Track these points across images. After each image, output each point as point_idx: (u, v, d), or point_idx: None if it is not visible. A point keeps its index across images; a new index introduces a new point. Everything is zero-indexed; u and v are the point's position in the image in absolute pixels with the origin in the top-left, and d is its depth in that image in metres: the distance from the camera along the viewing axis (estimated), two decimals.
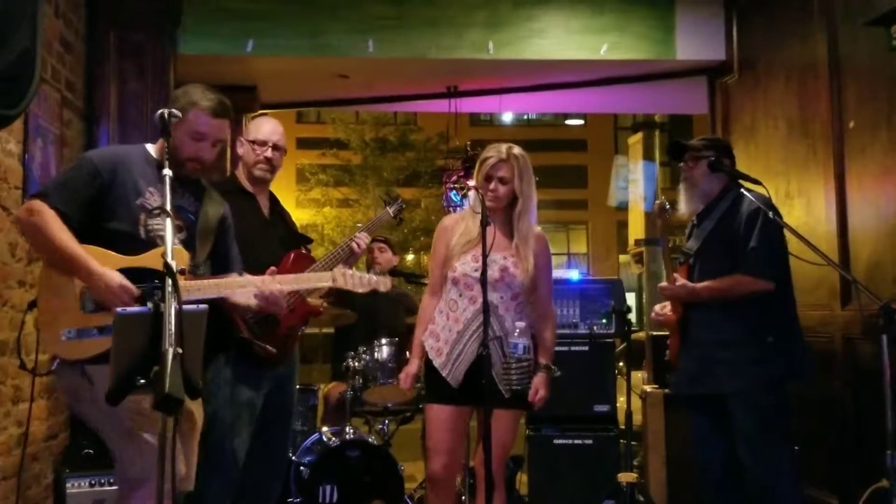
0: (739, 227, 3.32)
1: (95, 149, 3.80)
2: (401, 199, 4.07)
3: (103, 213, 2.65)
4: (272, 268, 2.97)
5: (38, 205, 2.58)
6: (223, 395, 3.32)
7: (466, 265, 3.20)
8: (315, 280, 3.01)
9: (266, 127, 3.56)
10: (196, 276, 2.74)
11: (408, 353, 3.38)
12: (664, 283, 3.49)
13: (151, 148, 2.83)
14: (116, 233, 2.64)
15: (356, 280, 2.87)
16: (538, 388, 3.21)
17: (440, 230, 3.35)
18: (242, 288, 2.77)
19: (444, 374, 3.17)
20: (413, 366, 3.30)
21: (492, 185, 3.20)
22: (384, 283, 2.93)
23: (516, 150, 3.25)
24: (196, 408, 2.74)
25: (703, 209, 3.48)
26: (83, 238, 2.59)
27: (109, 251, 2.59)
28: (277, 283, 2.81)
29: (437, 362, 3.20)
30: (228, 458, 3.32)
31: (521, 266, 3.22)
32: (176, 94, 2.82)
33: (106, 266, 2.53)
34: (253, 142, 3.49)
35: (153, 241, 2.64)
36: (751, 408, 3.26)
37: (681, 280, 3.40)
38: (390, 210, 3.97)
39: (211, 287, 2.70)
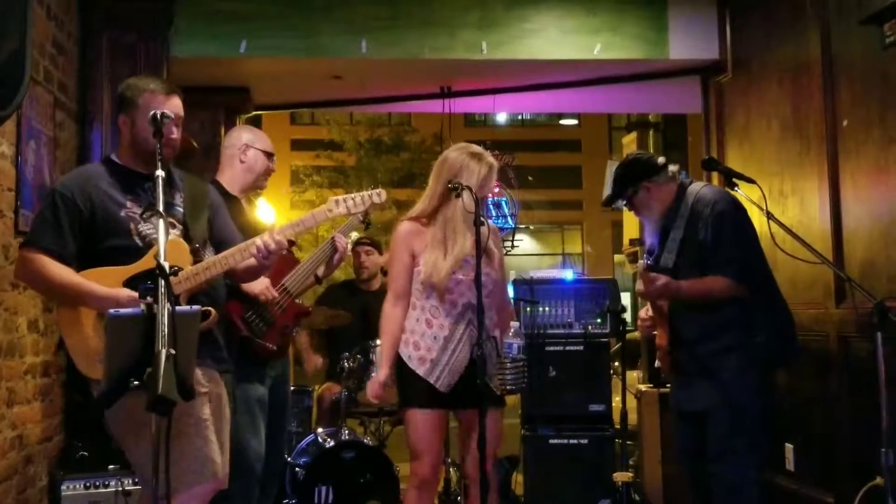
0: (707, 232, 3.27)
1: (59, 179, 3.77)
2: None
3: (95, 234, 2.65)
4: (267, 231, 2.91)
5: (28, 254, 2.61)
6: (232, 396, 3.34)
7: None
8: (313, 219, 2.83)
9: (269, 139, 3.65)
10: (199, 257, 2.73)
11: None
12: (642, 288, 3.34)
13: (115, 156, 2.80)
14: (114, 249, 2.64)
15: (351, 203, 2.83)
16: None
17: (404, 236, 3.27)
18: (243, 252, 2.70)
19: (431, 381, 3.15)
20: (383, 374, 3.21)
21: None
22: (378, 195, 2.90)
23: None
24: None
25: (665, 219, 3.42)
26: (82, 261, 2.60)
27: (109, 267, 2.59)
28: (276, 234, 2.73)
29: (421, 371, 3.17)
30: (251, 458, 3.35)
31: (492, 263, 3.27)
32: (121, 91, 2.77)
33: (110, 282, 2.54)
34: (267, 153, 3.57)
35: (150, 246, 2.62)
36: (728, 415, 3.22)
37: (662, 279, 3.27)
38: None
39: (217, 263, 2.67)
